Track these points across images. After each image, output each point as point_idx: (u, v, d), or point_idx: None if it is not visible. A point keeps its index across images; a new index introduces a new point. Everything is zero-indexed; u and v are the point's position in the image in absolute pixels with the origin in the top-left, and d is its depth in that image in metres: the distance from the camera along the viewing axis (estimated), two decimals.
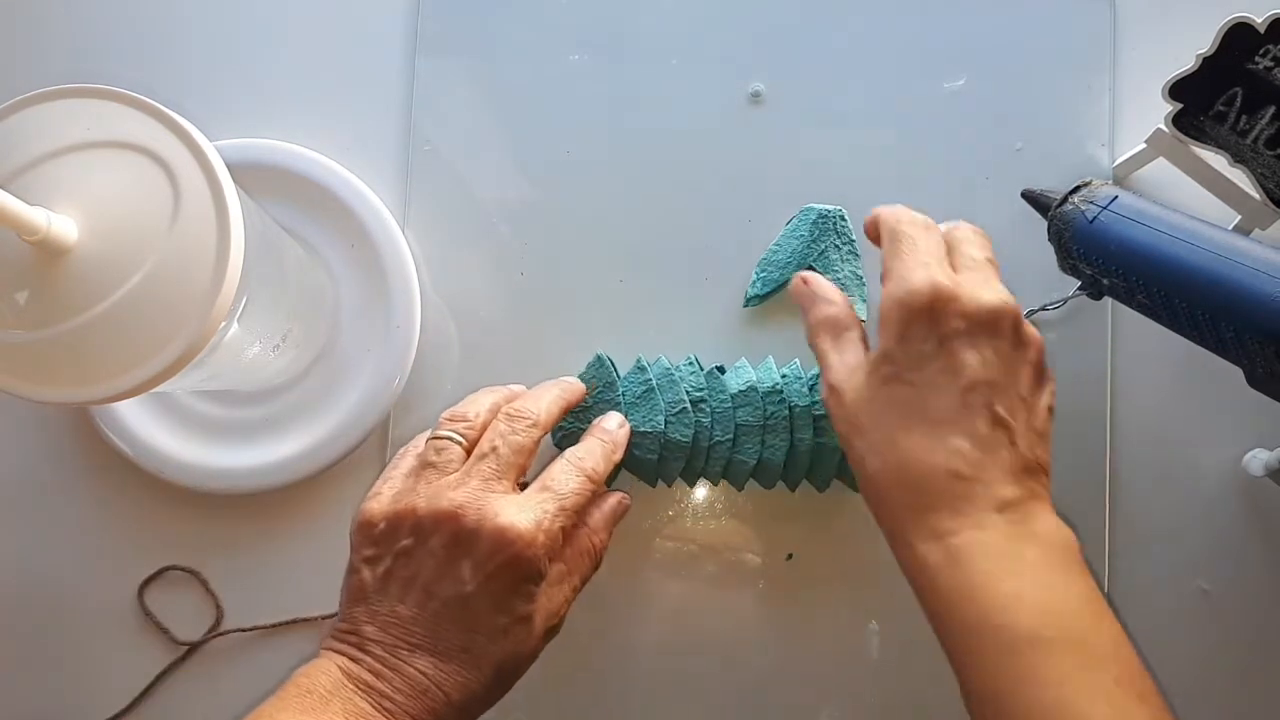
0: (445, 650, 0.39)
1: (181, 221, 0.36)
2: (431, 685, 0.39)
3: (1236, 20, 0.44)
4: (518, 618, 0.40)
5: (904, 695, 0.50)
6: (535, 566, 0.40)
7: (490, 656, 0.39)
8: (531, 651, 0.41)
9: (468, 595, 0.39)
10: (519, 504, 0.40)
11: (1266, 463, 0.49)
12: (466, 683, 0.39)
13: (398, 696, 0.38)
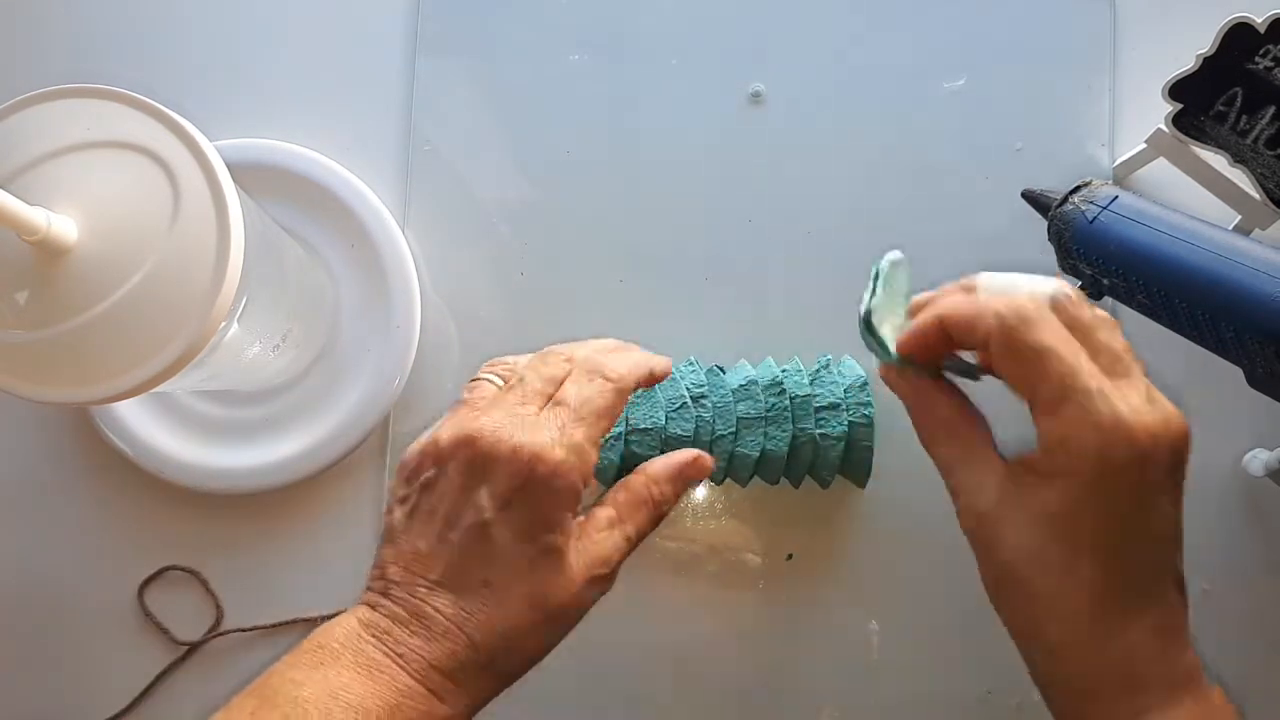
0: (465, 586, 0.36)
1: (181, 221, 0.36)
2: (451, 626, 0.35)
3: (1236, 20, 0.44)
4: (544, 549, 0.36)
5: (904, 695, 0.50)
6: (556, 485, 0.36)
7: (516, 594, 0.36)
8: (570, 596, 0.37)
9: (486, 523, 0.36)
10: (537, 423, 0.37)
11: (1266, 463, 0.49)
12: (489, 622, 0.36)
13: (413, 640, 0.35)
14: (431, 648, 0.35)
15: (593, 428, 0.38)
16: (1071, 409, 0.31)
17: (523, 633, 0.36)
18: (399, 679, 0.34)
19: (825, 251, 0.53)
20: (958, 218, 0.52)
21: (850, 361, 0.50)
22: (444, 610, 0.35)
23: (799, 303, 0.53)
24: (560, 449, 0.36)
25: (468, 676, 0.36)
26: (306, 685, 0.34)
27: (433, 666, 0.35)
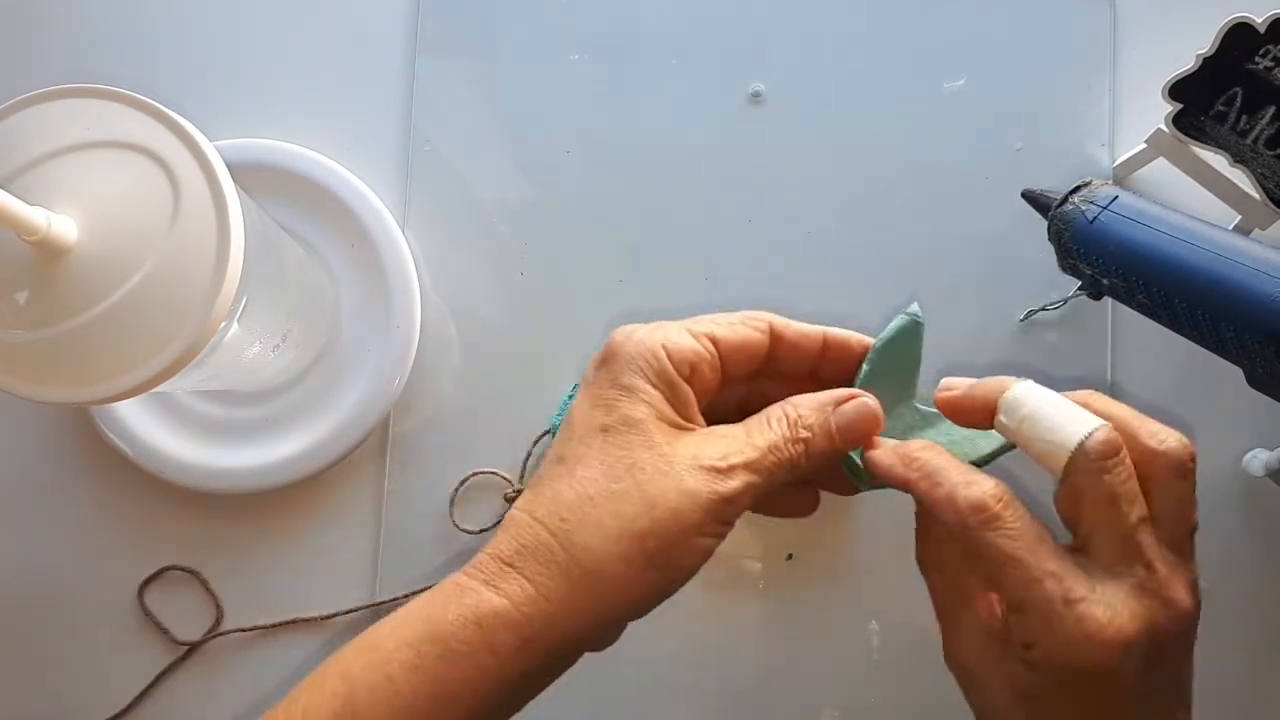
0: (544, 475, 0.32)
1: (181, 221, 0.36)
2: (518, 513, 0.32)
3: (1236, 20, 0.44)
4: (621, 417, 0.32)
5: (904, 695, 0.50)
6: (628, 349, 0.33)
7: (587, 463, 0.32)
8: (667, 475, 0.31)
9: (572, 410, 0.33)
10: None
11: (1267, 463, 0.49)
12: (556, 493, 0.31)
13: (484, 549, 0.32)
14: (495, 542, 0.32)
15: (692, 325, 0.34)
16: (1033, 616, 0.29)
17: (594, 502, 0.31)
18: (454, 580, 0.32)
19: (825, 251, 0.53)
20: (957, 217, 0.52)
21: None
22: (519, 505, 0.32)
23: (799, 303, 0.52)
24: (639, 327, 0.34)
25: (530, 558, 0.31)
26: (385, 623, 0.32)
27: (490, 556, 0.31)
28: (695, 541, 0.31)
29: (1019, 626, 0.30)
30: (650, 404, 0.32)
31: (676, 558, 0.31)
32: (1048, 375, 0.51)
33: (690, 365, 0.33)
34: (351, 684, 0.30)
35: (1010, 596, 0.30)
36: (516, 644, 0.30)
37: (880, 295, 0.52)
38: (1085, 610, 0.29)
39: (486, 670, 0.30)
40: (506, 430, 0.52)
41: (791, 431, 0.33)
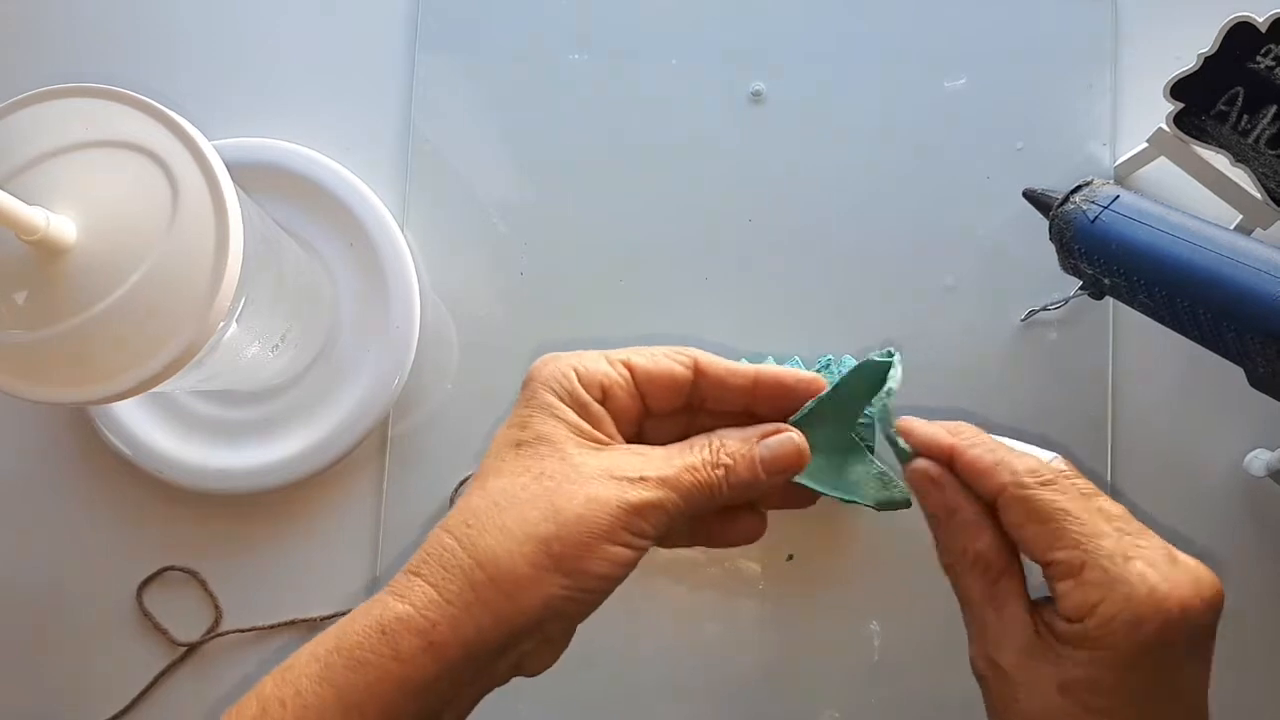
0: (462, 501, 0.33)
1: (180, 221, 0.36)
2: (433, 531, 0.33)
3: (1238, 20, 0.44)
4: (534, 435, 0.33)
5: (904, 695, 0.50)
6: (547, 369, 0.34)
7: (499, 470, 0.32)
8: (579, 486, 0.32)
9: (497, 433, 0.35)
10: None
11: (1268, 463, 0.49)
12: (466, 505, 0.32)
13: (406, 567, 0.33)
14: (414, 559, 0.32)
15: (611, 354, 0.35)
16: (1095, 573, 0.30)
17: (502, 508, 0.31)
18: (359, 606, 0.32)
19: (825, 251, 0.53)
20: (958, 217, 0.52)
21: (850, 361, 0.50)
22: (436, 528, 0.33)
23: (799, 303, 0.53)
24: (560, 355, 0.35)
25: (435, 566, 0.31)
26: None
27: (405, 572, 0.32)
28: (604, 549, 0.31)
29: (1075, 594, 0.30)
30: (563, 420, 0.33)
31: (584, 564, 0.31)
32: (1048, 375, 0.51)
33: (601, 387, 0.34)
34: (264, 702, 0.30)
35: (1068, 558, 0.30)
36: (421, 647, 0.30)
37: (880, 295, 0.52)
38: (1146, 566, 0.29)
39: (392, 676, 0.30)
40: None
41: (713, 456, 0.34)
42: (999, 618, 0.32)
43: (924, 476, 0.34)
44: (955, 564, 0.33)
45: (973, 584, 0.33)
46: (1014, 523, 0.32)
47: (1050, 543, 0.31)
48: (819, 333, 0.52)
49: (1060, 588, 0.30)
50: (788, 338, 0.52)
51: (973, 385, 0.51)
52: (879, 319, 0.52)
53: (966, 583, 0.33)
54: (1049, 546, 0.31)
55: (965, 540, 0.33)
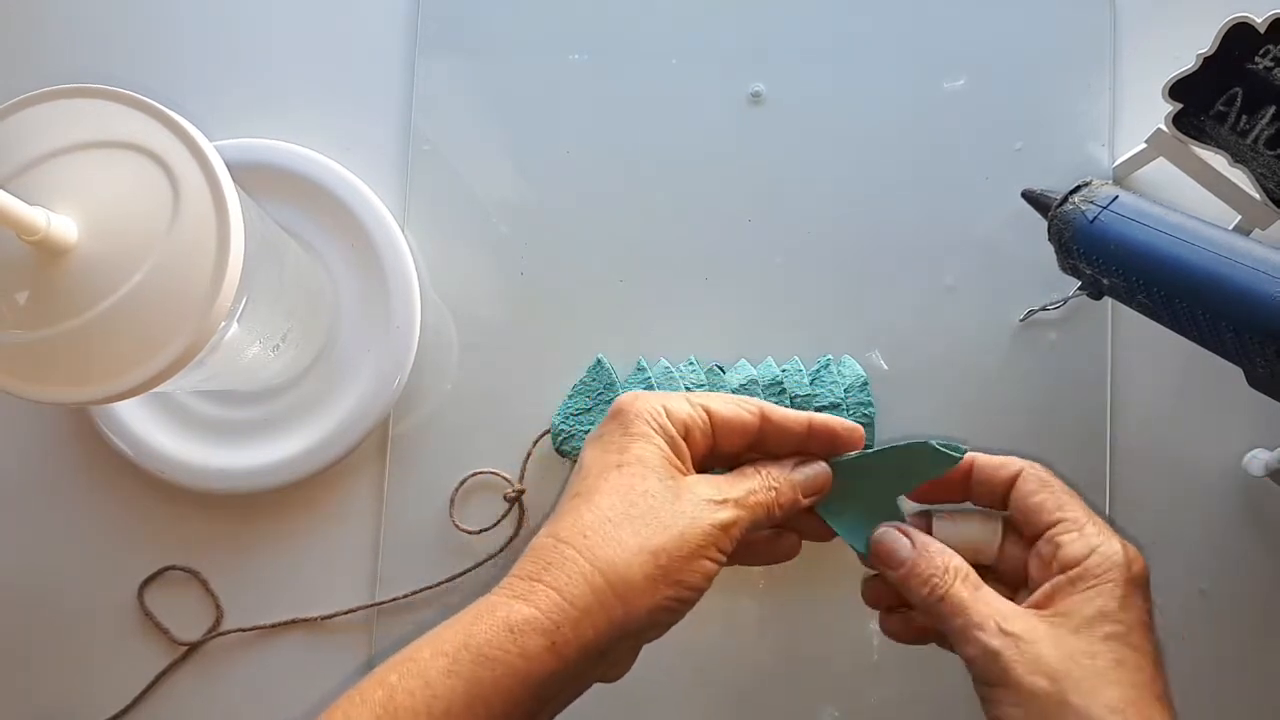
0: (561, 509, 0.37)
1: (181, 221, 0.36)
2: (540, 539, 0.35)
3: (1237, 20, 0.44)
4: (634, 458, 0.37)
5: (904, 695, 0.50)
6: (640, 403, 0.38)
7: (602, 489, 0.36)
8: (673, 505, 0.36)
9: (584, 458, 0.38)
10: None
11: (1267, 463, 0.49)
12: (577, 517, 0.35)
13: (510, 572, 0.35)
14: (521, 564, 0.35)
15: (672, 401, 0.39)
16: (1093, 528, 0.37)
17: (609, 520, 0.35)
18: (484, 602, 0.34)
19: (825, 251, 0.53)
20: (957, 217, 0.52)
21: (850, 361, 0.50)
22: (541, 533, 0.36)
23: (799, 303, 0.53)
24: (647, 395, 0.39)
25: (556, 572, 0.34)
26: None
27: (518, 576, 0.35)
28: (699, 563, 0.36)
29: (1079, 542, 0.36)
30: (658, 447, 0.38)
31: (685, 576, 0.35)
32: (1047, 375, 0.51)
33: (685, 426, 0.39)
34: (390, 690, 0.32)
35: (1074, 516, 0.37)
36: (545, 646, 0.33)
37: (879, 295, 0.52)
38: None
39: (518, 673, 0.33)
40: (506, 430, 0.52)
41: (764, 481, 0.39)
42: (994, 602, 0.36)
43: (898, 529, 0.39)
44: (938, 585, 0.37)
45: (961, 589, 0.37)
46: (1029, 490, 0.38)
47: (1059, 504, 0.37)
48: (819, 333, 0.52)
49: (1065, 539, 0.37)
50: (787, 338, 0.52)
51: (972, 385, 0.51)
52: (878, 319, 0.52)
53: (954, 592, 0.37)
54: (1057, 507, 0.37)
55: (943, 560, 0.38)
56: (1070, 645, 0.34)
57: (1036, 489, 0.38)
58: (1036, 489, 0.38)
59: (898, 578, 0.38)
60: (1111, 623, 0.35)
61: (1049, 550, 0.37)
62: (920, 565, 0.37)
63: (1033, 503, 0.38)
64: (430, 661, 0.33)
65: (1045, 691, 0.34)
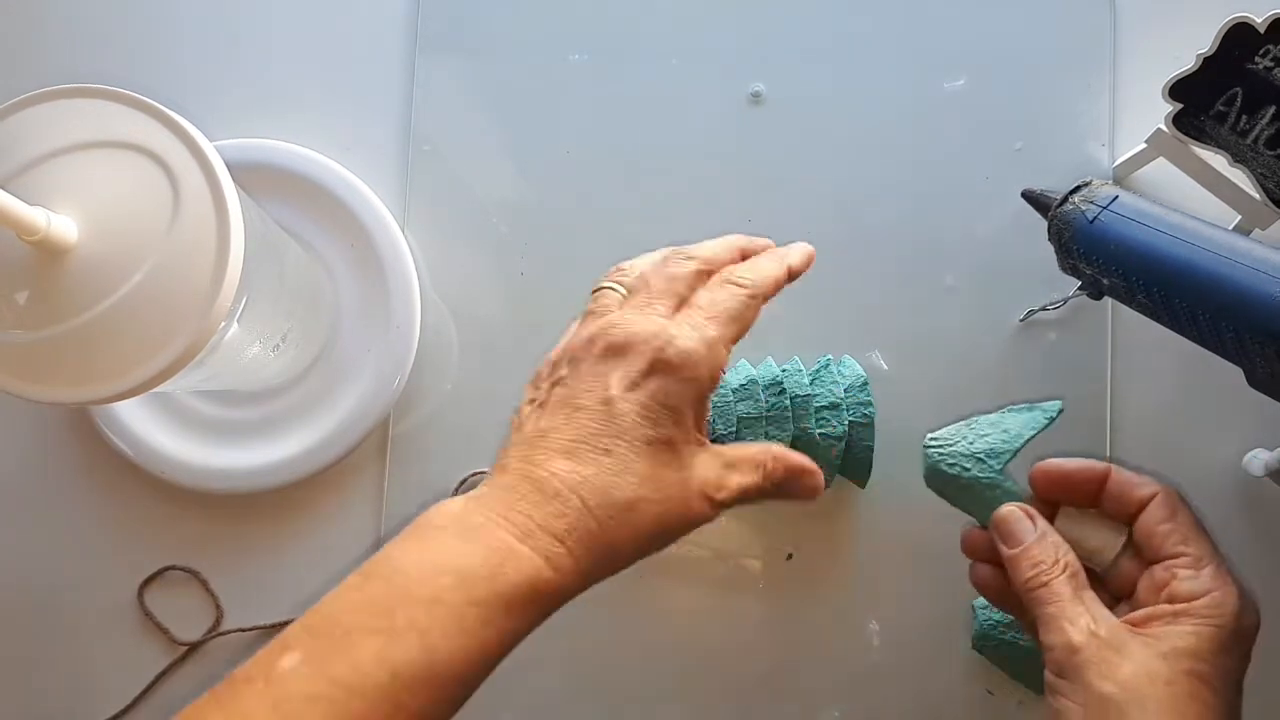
0: (585, 454, 0.35)
1: (181, 221, 0.36)
2: (563, 487, 0.34)
3: (1236, 20, 0.44)
4: (664, 437, 0.36)
5: (904, 695, 0.50)
6: (683, 373, 0.36)
7: (634, 468, 0.35)
8: (684, 502, 0.36)
9: (611, 399, 0.36)
10: (668, 320, 0.38)
11: (1267, 463, 0.49)
12: (605, 487, 0.35)
13: (522, 504, 0.34)
14: (541, 510, 0.34)
15: (725, 328, 0.38)
16: (1211, 570, 0.37)
17: (637, 508, 0.35)
18: (501, 540, 0.34)
19: (825, 251, 0.53)
20: (957, 217, 0.52)
21: (850, 361, 0.50)
22: (559, 472, 0.35)
23: (799, 302, 0.53)
24: (691, 339, 0.37)
25: (579, 542, 0.34)
26: (408, 556, 0.34)
27: (540, 527, 0.34)
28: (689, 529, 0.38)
29: (1195, 582, 0.37)
30: (687, 430, 0.37)
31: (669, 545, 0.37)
32: (1047, 375, 0.51)
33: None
34: (423, 633, 0.32)
35: (1197, 553, 0.38)
36: (553, 607, 0.34)
37: (879, 295, 0.52)
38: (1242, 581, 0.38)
39: (526, 628, 0.34)
40: (506, 430, 0.52)
41: (764, 480, 0.39)
42: (1092, 605, 0.37)
43: (1026, 511, 0.40)
44: (1045, 574, 0.38)
45: (1063, 586, 0.37)
46: (1160, 518, 0.38)
47: (1185, 537, 0.37)
48: (818, 332, 0.52)
49: (1183, 574, 0.37)
50: (787, 337, 0.52)
51: (972, 385, 0.51)
52: (878, 319, 0.52)
53: (1056, 586, 0.37)
54: (1183, 540, 0.37)
55: (1058, 554, 0.38)
56: (1152, 667, 0.35)
57: (1166, 517, 0.38)
58: (1166, 517, 0.38)
59: (1010, 555, 0.39)
60: (1201, 662, 0.35)
61: (1164, 577, 0.37)
62: (1034, 551, 0.38)
63: (1160, 530, 0.38)
64: (464, 609, 0.33)
65: (1110, 698, 0.34)
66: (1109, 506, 0.40)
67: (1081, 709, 0.35)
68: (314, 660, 0.32)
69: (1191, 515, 0.38)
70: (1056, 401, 0.43)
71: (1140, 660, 0.35)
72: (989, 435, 0.42)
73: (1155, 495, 0.38)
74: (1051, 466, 0.40)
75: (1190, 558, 0.37)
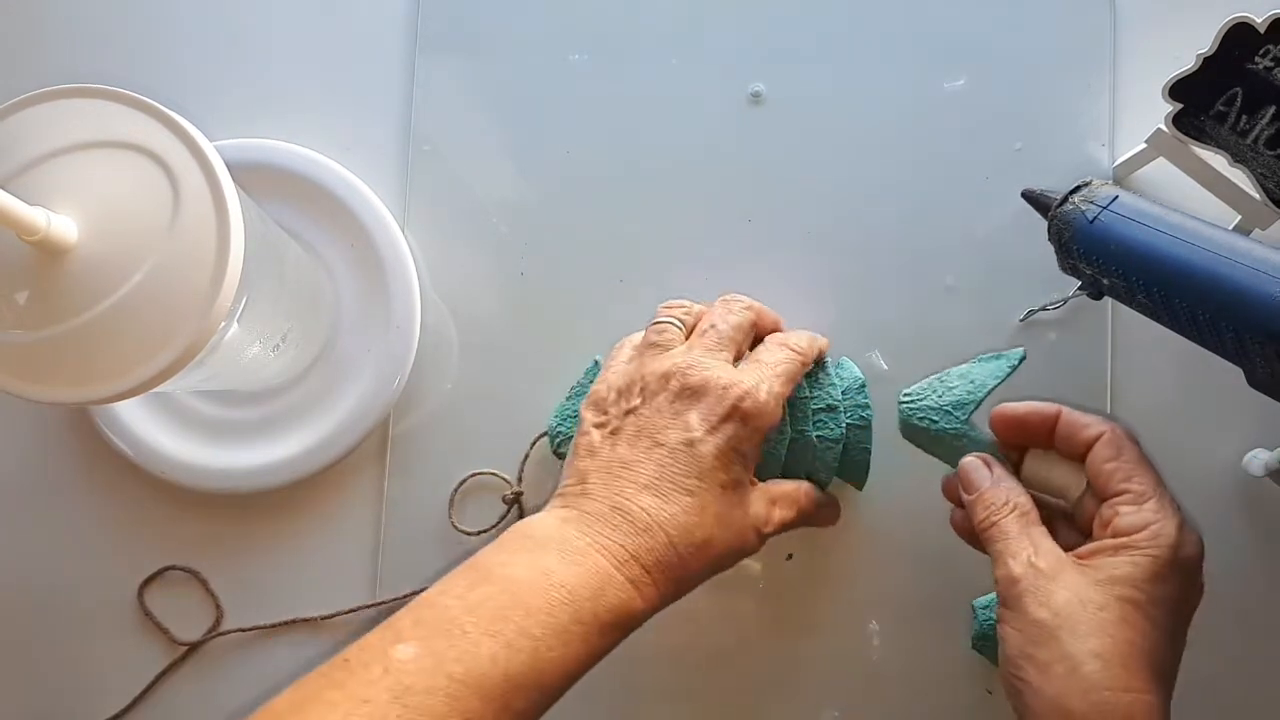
0: (669, 491, 0.39)
1: (181, 221, 0.36)
2: (653, 523, 0.38)
3: (1237, 20, 0.44)
4: (736, 478, 0.40)
5: (904, 695, 0.50)
6: (756, 422, 0.41)
7: (711, 509, 0.39)
8: (743, 537, 0.41)
9: (694, 440, 0.40)
10: (740, 369, 0.42)
11: (1267, 463, 0.49)
12: (689, 526, 0.39)
13: (616, 534, 0.38)
14: (634, 541, 0.38)
15: (785, 387, 0.42)
16: (1153, 504, 0.39)
17: (711, 544, 0.39)
18: (602, 566, 0.37)
19: (825, 251, 0.53)
20: (957, 217, 0.52)
21: (848, 363, 0.50)
22: (649, 508, 0.38)
23: (799, 303, 0.53)
24: (763, 393, 0.41)
25: (662, 574, 0.38)
26: (518, 566, 0.36)
27: (633, 558, 0.38)
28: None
29: (1137, 516, 0.39)
30: (749, 470, 0.42)
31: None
32: (1047, 375, 0.51)
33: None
34: (535, 642, 0.35)
35: (1140, 489, 0.39)
36: (634, 628, 0.39)
37: (879, 295, 0.52)
38: (1184, 515, 0.40)
39: (605, 651, 0.38)
40: (506, 430, 0.52)
41: (800, 513, 0.45)
42: (1037, 539, 0.39)
43: (984, 460, 0.43)
44: (995, 514, 0.40)
45: (1010, 525, 0.40)
46: (1104, 456, 0.40)
47: (1129, 474, 0.39)
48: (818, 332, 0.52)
49: (1124, 509, 0.39)
50: None
51: None
52: (878, 319, 0.52)
53: (1004, 524, 0.40)
54: (1127, 477, 0.39)
55: (1009, 497, 0.41)
56: (1085, 593, 0.37)
57: (1111, 456, 0.40)
58: (1111, 456, 0.40)
59: (969, 501, 0.42)
60: (1134, 589, 0.37)
61: (1109, 515, 0.39)
62: (988, 495, 0.41)
63: (1105, 469, 0.40)
64: (570, 625, 0.36)
65: (1043, 622, 0.37)
66: (1061, 447, 0.42)
67: (1019, 634, 0.37)
68: (431, 654, 0.34)
69: (1137, 451, 0.40)
70: (1019, 349, 0.45)
71: (1074, 588, 0.37)
72: (957, 387, 0.44)
73: (1102, 434, 0.40)
74: (1006, 410, 0.43)
75: (1133, 494, 0.39)
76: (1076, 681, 0.36)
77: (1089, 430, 0.41)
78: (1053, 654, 0.36)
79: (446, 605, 0.35)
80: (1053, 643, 0.36)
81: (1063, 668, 0.36)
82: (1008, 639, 0.38)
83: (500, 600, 0.35)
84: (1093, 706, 0.35)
